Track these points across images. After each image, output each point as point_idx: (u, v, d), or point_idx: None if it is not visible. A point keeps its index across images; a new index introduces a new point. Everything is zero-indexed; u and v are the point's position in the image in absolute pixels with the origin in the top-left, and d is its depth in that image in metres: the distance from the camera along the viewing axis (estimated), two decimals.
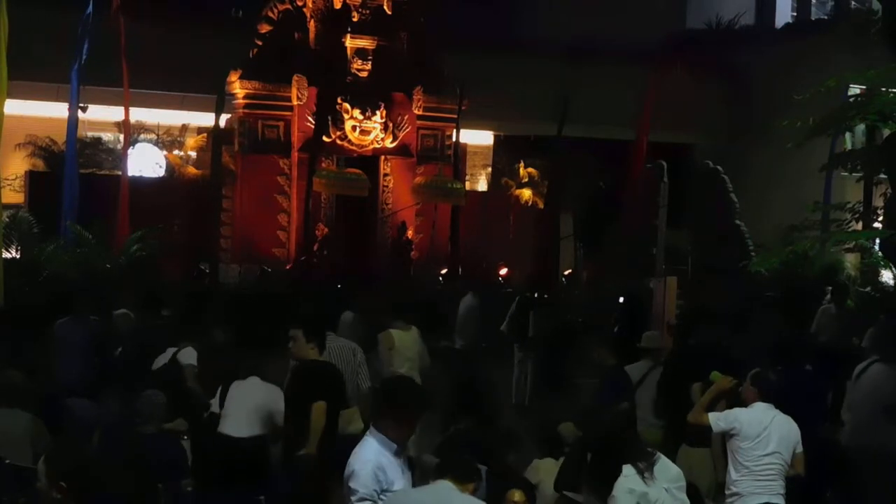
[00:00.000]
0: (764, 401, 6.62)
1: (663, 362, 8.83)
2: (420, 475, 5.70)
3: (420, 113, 22.06)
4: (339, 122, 21.06)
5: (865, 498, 7.85)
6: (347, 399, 7.64)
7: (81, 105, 17.36)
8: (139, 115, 20.36)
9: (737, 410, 6.64)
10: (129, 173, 19.22)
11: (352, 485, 4.98)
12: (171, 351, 8.76)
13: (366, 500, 4.94)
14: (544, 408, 11.06)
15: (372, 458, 4.99)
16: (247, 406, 7.42)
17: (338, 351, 8.07)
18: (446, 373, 9.80)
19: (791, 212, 19.33)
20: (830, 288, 15.27)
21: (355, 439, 5.42)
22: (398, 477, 5.05)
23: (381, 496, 4.96)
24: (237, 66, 20.57)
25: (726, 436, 6.57)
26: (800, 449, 6.56)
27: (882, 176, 14.39)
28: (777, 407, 6.62)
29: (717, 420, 6.60)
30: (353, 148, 21.34)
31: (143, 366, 9.01)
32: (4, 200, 15.23)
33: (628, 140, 22.85)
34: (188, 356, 8.64)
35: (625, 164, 22.34)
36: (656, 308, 17.30)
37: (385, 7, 21.52)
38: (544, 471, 6.71)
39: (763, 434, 6.45)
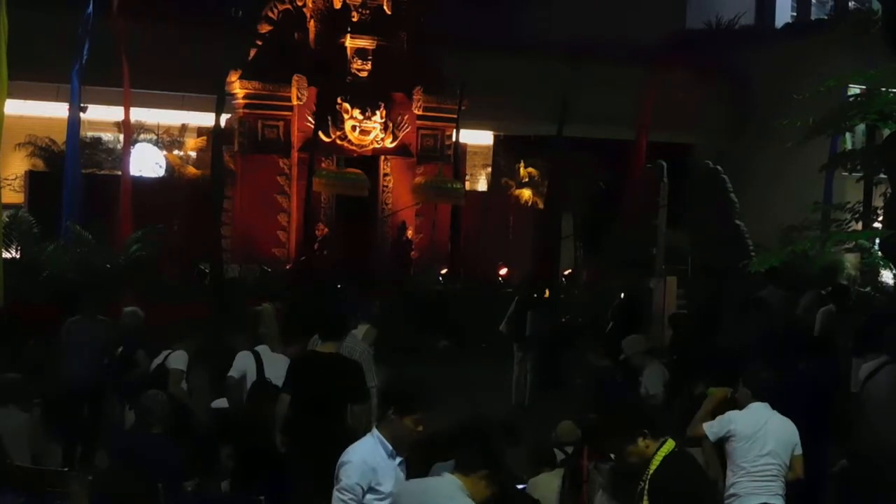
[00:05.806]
0: (759, 400, 6.61)
1: (665, 363, 8.84)
2: None
3: (420, 113, 22.04)
4: (338, 122, 21.05)
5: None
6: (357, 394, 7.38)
7: (81, 105, 17.35)
8: (139, 115, 20.31)
9: (730, 414, 6.62)
10: (129, 173, 19.20)
11: (338, 473, 5.08)
12: (164, 353, 8.69)
13: (345, 491, 5.00)
14: (542, 413, 11.04)
15: (363, 455, 5.08)
16: None
17: (347, 353, 8.00)
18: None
19: (791, 212, 19.31)
20: (830, 289, 15.25)
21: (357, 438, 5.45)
22: (388, 479, 5.07)
23: (366, 494, 5.01)
24: (237, 66, 20.54)
25: (723, 440, 6.56)
26: (798, 451, 6.52)
27: (882, 176, 14.37)
28: (773, 407, 6.61)
29: (711, 428, 6.58)
30: (353, 148, 21.32)
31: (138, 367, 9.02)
32: (4, 200, 15.25)
33: (628, 140, 22.85)
34: (177, 360, 8.55)
35: (625, 164, 22.35)
36: (656, 308, 17.36)
37: (385, 7, 21.52)
38: (543, 485, 6.85)
39: (758, 434, 6.44)
